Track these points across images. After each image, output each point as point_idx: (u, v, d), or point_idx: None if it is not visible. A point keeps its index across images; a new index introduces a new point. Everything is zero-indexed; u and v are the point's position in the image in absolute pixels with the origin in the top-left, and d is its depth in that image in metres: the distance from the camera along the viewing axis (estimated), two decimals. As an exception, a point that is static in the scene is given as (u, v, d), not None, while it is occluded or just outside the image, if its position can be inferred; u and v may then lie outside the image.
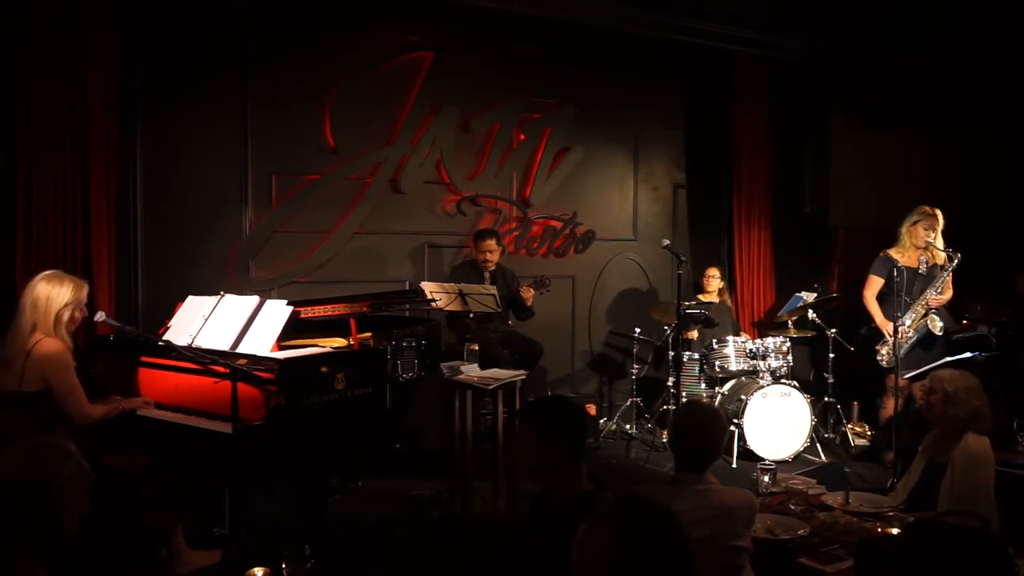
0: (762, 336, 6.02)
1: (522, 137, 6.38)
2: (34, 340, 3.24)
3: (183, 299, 3.95)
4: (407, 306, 5.04)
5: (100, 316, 3.41)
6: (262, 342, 3.51)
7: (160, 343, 3.55)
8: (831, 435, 5.96)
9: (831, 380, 5.87)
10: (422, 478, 4.75)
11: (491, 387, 4.36)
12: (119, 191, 4.86)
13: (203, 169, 5.32)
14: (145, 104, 5.11)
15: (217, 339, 3.60)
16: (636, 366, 6.09)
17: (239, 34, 5.33)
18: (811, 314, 6.02)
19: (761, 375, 5.58)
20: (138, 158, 5.13)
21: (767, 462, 3.55)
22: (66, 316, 3.31)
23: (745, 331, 6.70)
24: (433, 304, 4.93)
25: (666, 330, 6.04)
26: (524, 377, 4.64)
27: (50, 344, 3.24)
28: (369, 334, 4.02)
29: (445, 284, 5.17)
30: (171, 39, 5.12)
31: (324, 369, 3.37)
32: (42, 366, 3.21)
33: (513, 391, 4.60)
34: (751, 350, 5.67)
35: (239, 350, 3.51)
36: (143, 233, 5.16)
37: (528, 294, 5.53)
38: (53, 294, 3.28)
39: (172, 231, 5.24)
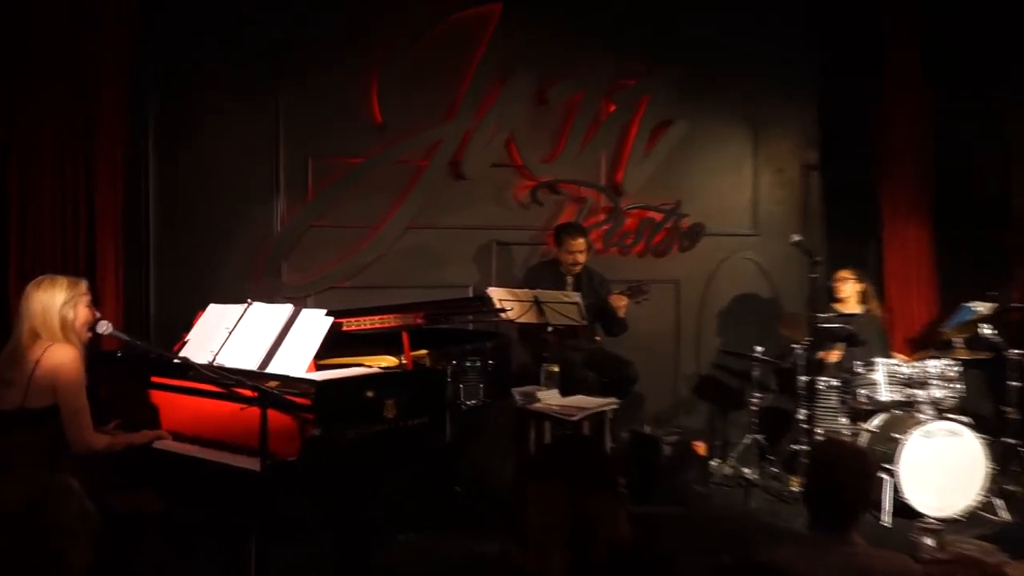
0: (921, 358, 5.80)
1: (612, 108, 6.34)
2: (42, 347, 3.36)
3: (203, 308, 4.03)
4: (471, 317, 5.05)
5: (104, 327, 3.50)
6: (296, 360, 3.55)
7: (176, 361, 3.62)
8: (1014, 487, 5.68)
9: (1013, 415, 5.61)
10: (487, 530, 4.71)
11: (575, 418, 4.31)
12: (128, 181, 5.01)
13: (227, 153, 5.45)
14: (160, 78, 5.27)
15: (243, 356, 3.65)
16: (757, 395, 5.94)
17: (268, -7, 5.48)
18: (986, 330, 5.77)
19: (921, 408, 5.36)
20: (151, 142, 5.29)
21: (930, 520, 3.41)
22: (70, 315, 3.43)
23: (898, 351, 6.47)
24: (503, 315, 4.93)
25: (796, 349, 5.88)
26: (616, 407, 4.59)
27: (63, 351, 3.36)
28: (425, 351, 4.03)
29: (517, 291, 5.16)
30: (190, 2, 5.27)
31: (370, 394, 3.38)
32: (52, 376, 3.32)
33: (602, 423, 4.55)
34: (907, 376, 5.45)
35: (269, 370, 3.55)
36: (156, 230, 5.31)
37: (620, 303, 5.46)
38: (46, 299, 3.41)
39: (190, 227, 5.38)
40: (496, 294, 5.06)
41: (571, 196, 6.27)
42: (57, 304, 3.41)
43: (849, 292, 6.20)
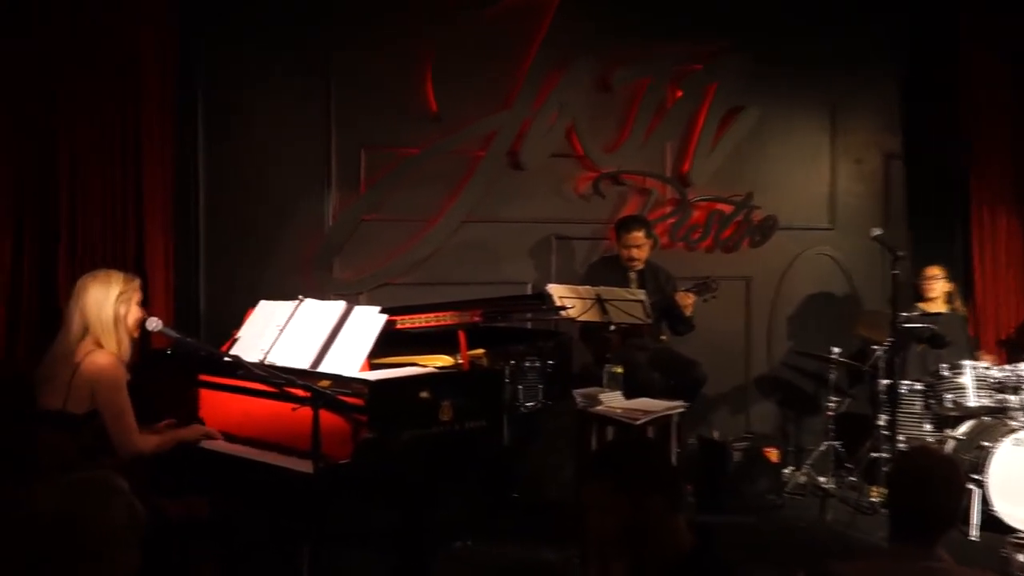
0: (1012, 360, 5.66)
1: (679, 95, 6.30)
2: (84, 351, 3.43)
3: (253, 304, 4.11)
4: (529, 315, 5.05)
5: (154, 324, 3.57)
6: (349, 359, 3.59)
7: (226, 359, 3.69)
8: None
9: (1115, 423, 5.44)
10: (546, 537, 4.72)
11: (639, 422, 4.29)
12: (177, 175, 5.11)
13: (277, 145, 5.52)
14: (209, 68, 5.36)
15: (294, 355, 3.71)
16: (834, 399, 5.86)
17: (320, -24, 5.55)
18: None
19: (1012, 414, 5.24)
20: (199, 134, 5.38)
21: (1022, 535, 3.32)
22: (123, 310, 3.51)
23: (987, 352, 6.32)
24: (563, 313, 4.92)
25: (876, 351, 5.78)
26: (682, 410, 4.55)
27: (101, 357, 3.42)
28: (482, 351, 4.04)
29: (579, 287, 5.15)
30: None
31: (425, 395, 3.41)
32: (90, 382, 3.39)
33: (668, 428, 4.52)
34: (998, 380, 5.33)
35: (321, 369, 3.61)
36: (206, 225, 5.41)
37: (688, 301, 5.42)
38: (101, 292, 3.49)
39: (240, 222, 5.47)
40: (556, 291, 5.05)
41: (635, 188, 6.24)
42: (112, 297, 3.49)
43: (939, 291, 6.08)
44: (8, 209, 4.52)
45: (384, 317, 3.69)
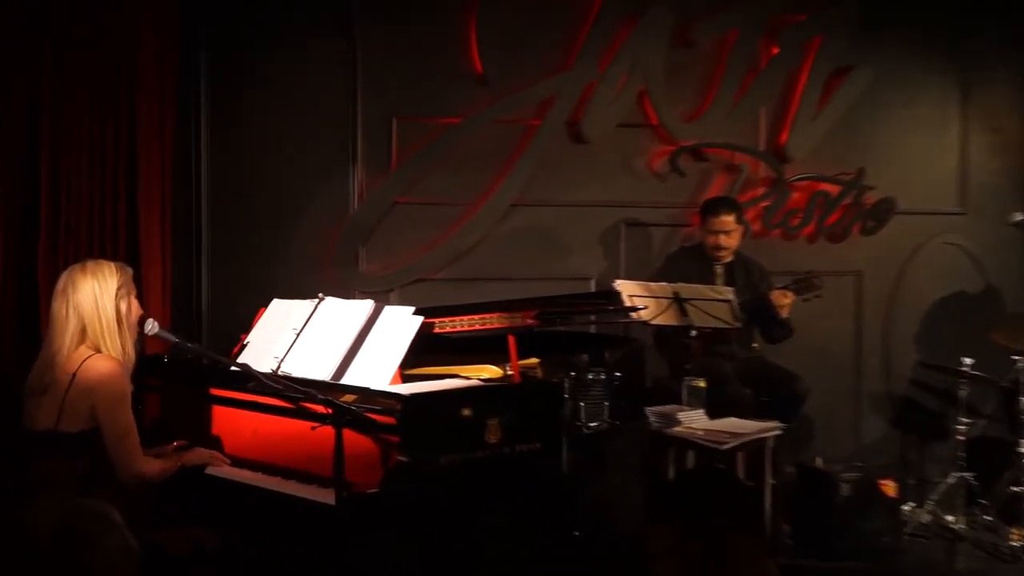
0: None
1: (774, 51, 6.25)
2: (80, 357, 3.44)
3: (265, 304, 4.14)
4: (593, 318, 5.03)
5: (151, 327, 3.61)
6: (378, 369, 3.61)
7: (233, 368, 3.72)
8: None
9: None
10: (613, 585, 4.72)
11: (725, 447, 4.27)
12: (177, 151, 5.18)
13: (293, 116, 5.57)
14: (212, 27, 5.43)
15: (313, 363, 3.74)
16: (965, 420, 5.76)
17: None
18: None
19: None
20: (203, 103, 5.46)
21: None
22: (125, 306, 3.53)
23: None
24: (634, 315, 4.90)
25: (1018, 362, 5.68)
26: (779, 433, 4.51)
27: (103, 364, 3.43)
28: (536, 360, 4.04)
29: (652, 284, 5.12)
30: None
31: (468, 412, 3.41)
32: (90, 394, 3.39)
33: (760, 454, 4.49)
34: None
35: (344, 381, 3.63)
36: (209, 210, 5.49)
37: (785, 300, 5.37)
38: (99, 285, 3.48)
39: (249, 207, 5.54)
40: (626, 289, 5.03)
41: (721, 164, 6.20)
42: (111, 291, 3.50)
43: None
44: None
45: (419, 319, 3.70)
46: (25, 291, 4.69)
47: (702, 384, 4.70)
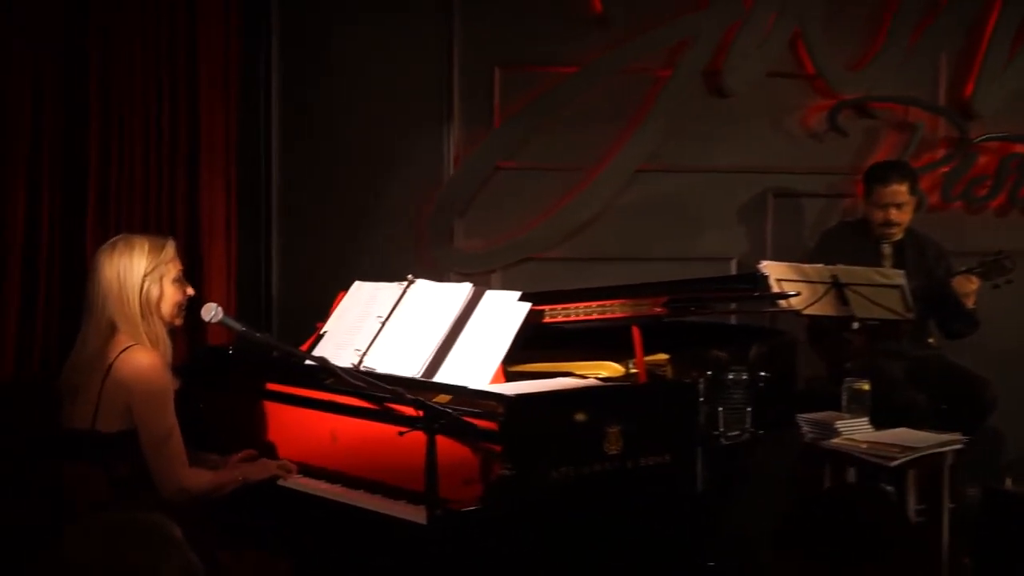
0: None
1: (955, -14, 6.15)
2: (116, 349, 3.51)
3: (345, 287, 4.18)
4: (734, 306, 4.99)
5: (213, 313, 3.65)
6: (478, 366, 3.61)
7: (308, 362, 3.76)
8: None
9: None
10: (758, 628, 4.69)
11: (894, 463, 4.19)
12: (243, 110, 5.26)
13: (377, 67, 5.63)
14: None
15: (401, 358, 3.76)
16: None
17: None
18: None
19: None
20: (273, 58, 5.53)
21: None
22: (155, 292, 3.56)
23: None
24: (783, 303, 4.85)
25: None
26: (959, 447, 4.42)
27: (140, 357, 3.49)
28: (665, 357, 4.01)
29: (806, 266, 5.07)
30: None
31: (583, 417, 3.40)
32: (126, 391, 3.46)
33: (937, 472, 4.40)
34: None
35: (438, 378, 3.64)
36: (280, 181, 5.57)
37: (970, 287, 5.26)
38: (124, 267, 3.53)
39: (326, 176, 5.61)
40: (774, 271, 4.97)
41: (892, 121, 6.14)
42: (136, 276, 3.53)
43: None
44: (20, 150, 4.68)
45: (526, 306, 3.70)
46: (71, 273, 4.78)
47: (866, 387, 4.62)
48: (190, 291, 3.69)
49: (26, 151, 4.64)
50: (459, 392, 3.54)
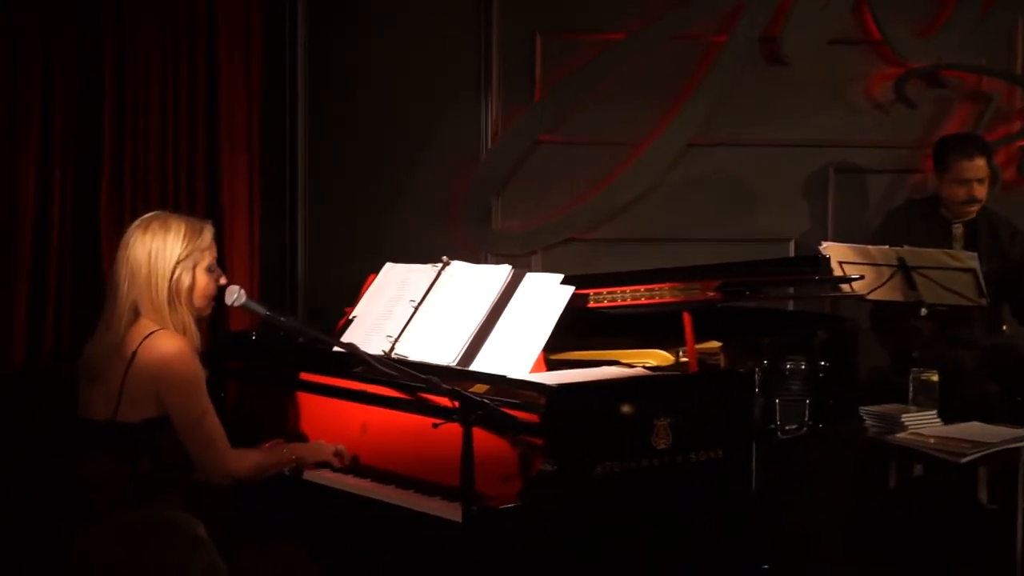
0: None
1: (1037, -59, 6.09)
2: (140, 334, 3.51)
3: (375, 269, 4.19)
4: (792, 290, 4.98)
5: (236, 296, 3.65)
6: (517, 353, 3.61)
7: (336, 349, 3.78)
8: None
9: None
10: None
11: (965, 460, 4.17)
12: (267, 83, 5.30)
13: (410, 37, 5.66)
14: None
15: (436, 344, 3.77)
16: None
17: None
18: None
19: None
20: (299, 27, 5.56)
21: None
22: (186, 280, 3.55)
23: None
24: (846, 288, 4.83)
25: None
26: (1038, 443, 4.42)
27: (167, 342, 3.49)
28: (717, 344, 4.01)
29: (871, 248, 5.05)
30: None
31: (629, 409, 3.39)
32: (154, 378, 3.46)
33: (1012, 469, 4.38)
34: None
35: (475, 367, 3.64)
36: (306, 155, 5.60)
37: (1047, 270, 5.25)
38: (156, 250, 3.52)
39: (356, 149, 5.64)
40: (835, 253, 4.97)
41: (963, 91, 6.11)
42: (169, 260, 3.53)
43: None
44: (31, 125, 4.72)
45: (570, 290, 3.69)
46: (85, 253, 4.82)
47: (935, 378, 4.61)
48: (223, 280, 3.67)
49: (37, 126, 4.69)
50: (497, 382, 3.55)
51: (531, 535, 3.23)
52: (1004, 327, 5.50)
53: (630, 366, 3.88)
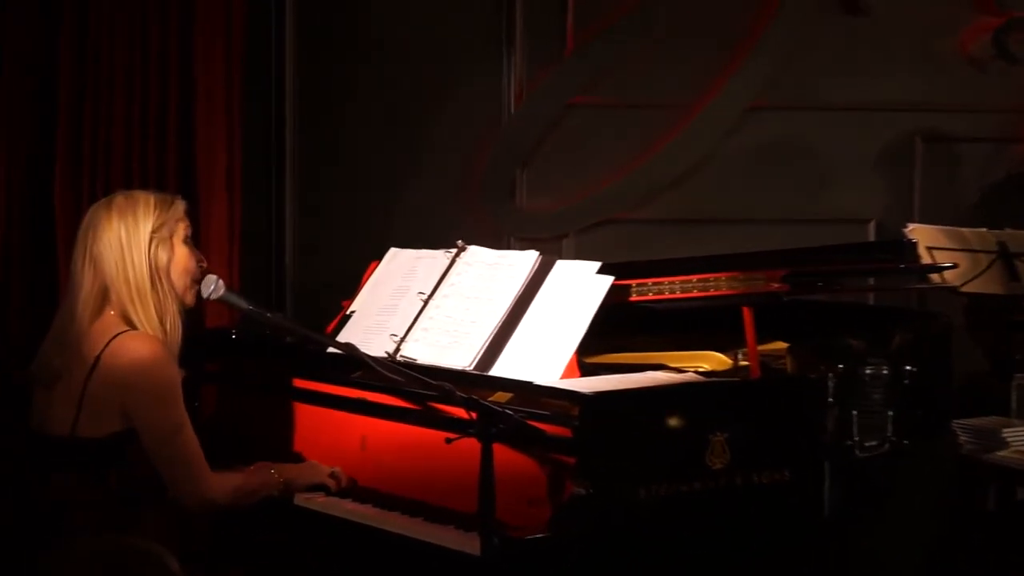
0: None
1: None
2: (106, 333, 3.50)
3: (378, 256, 4.20)
4: (872, 280, 4.96)
5: (212, 287, 3.67)
6: (545, 355, 3.61)
7: (331, 350, 3.78)
8: None
9: None
10: None
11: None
12: (250, 41, 5.27)
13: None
14: None
15: (449, 345, 3.77)
16: None
17: None
18: None
19: None
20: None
21: None
22: (163, 256, 3.55)
23: None
24: (936, 278, 4.82)
25: None
26: None
27: (137, 344, 3.47)
28: (783, 345, 4.01)
29: (965, 230, 5.05)
30: None
31: (677, 422, 3.39)
32: (120, 386, 3.44)
33: None
34: None
35: (495, 371, 3.64)
36: (295, 121, 5.60)
37: None
38: (127, 227, 3.52)
39: (354, 114, 5.63)
40: (923, 237, 4.95)
41: (1075, 48, 6.07)
42: (143, 235, 3.53)
43: None
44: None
45: (608, 280, 3.69)
46: (38, 239, 4.83)
47: (1041, 385, 4.61)
48: (203, 263, 3.68)
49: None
50: (522, 389, 3.52)
51: (562, 571, 3.21)
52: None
53: (680, 371, 3.86)
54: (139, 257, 3.51)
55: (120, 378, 3.44)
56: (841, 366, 3.84)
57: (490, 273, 3.89)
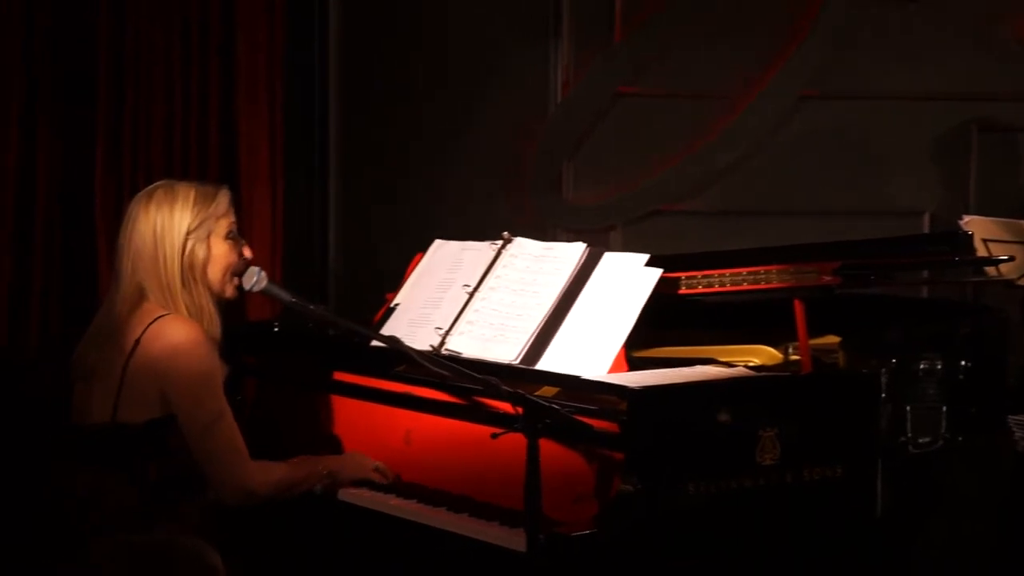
0: None
1: None
2: (143, 320, 3.51)
3: (423, 248, 4.20)
4: (926, 274, 4.94)
5: (255, 279, 3.67)
6: (592, 349, 3.61)
7: (375, 343, 3.78)
8: None
9: None
10: None
11: None
12: (291, 27, 5.33)
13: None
14: None
15: (494, 339, 3.77)
16: None
17: None
18: None
19: None
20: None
21: None
22: (201, 252, 3.56)
23: None
24: (992, 271, 4.79)
25: None
26: None
27: (175, 328, 3.48)
28: (835, 339, 4.00)
29: (1023, 222, 5.00)
30: None
31: (727, 417, 3.38)
32: (159, 371, 3.46)
33: None
34: None
35: (542, 365, 3.64)
36: (340, 109, 5.63)
37: None
38: (162, 223, 3.53)
39: (399, 104, 5.65)
40: (979, 229, 4.91)
41: None
42: (178, 233, 3.54)
43: None
44: (11, 80, 4.74)
45: (657, 273, 3.68)
46: (76, 228, 4.84)
47: (1104, 383, 4.59)
48: (248, 252, 3.67)
49: (21, 86, 4.72)
50: (569, 383, 3.54)
51: (609, 568, 3.22)
52: None
53: (730, 365, 3.87)
54: (171, 254, 3.52)
55: (159, 361, 3.45)
56: (894, 361, 3.83)
57: (537, 265, 3.89)
